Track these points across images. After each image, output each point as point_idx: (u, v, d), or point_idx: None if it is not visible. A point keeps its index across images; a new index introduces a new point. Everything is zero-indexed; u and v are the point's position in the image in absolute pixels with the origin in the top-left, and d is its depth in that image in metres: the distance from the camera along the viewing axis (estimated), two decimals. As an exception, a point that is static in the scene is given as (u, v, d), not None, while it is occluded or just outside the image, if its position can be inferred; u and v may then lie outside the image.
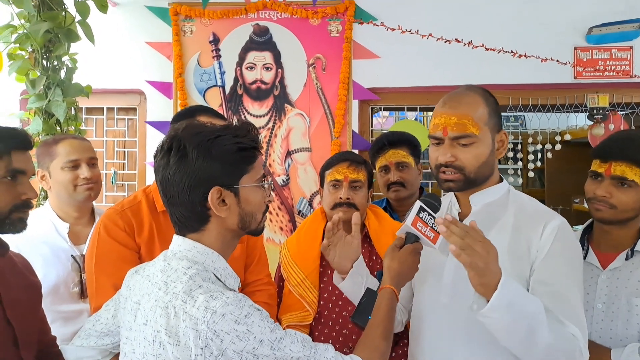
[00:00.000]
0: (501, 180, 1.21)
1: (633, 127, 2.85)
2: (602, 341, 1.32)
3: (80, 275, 1.66)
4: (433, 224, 1.09)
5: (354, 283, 1.26)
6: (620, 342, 1.29)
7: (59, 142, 1.71)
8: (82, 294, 1.66)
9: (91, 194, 1.70)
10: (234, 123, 1.01)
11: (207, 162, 0.94)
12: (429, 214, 1.09)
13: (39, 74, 2.10)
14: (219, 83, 2.91)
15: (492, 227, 1.15)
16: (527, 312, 0.97)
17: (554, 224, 1.11)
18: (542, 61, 2.66)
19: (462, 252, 0.94)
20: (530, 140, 2.93)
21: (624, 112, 2.85)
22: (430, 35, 2.70)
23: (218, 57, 2.90)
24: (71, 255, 1.67)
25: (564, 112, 2.86)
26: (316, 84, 2.85)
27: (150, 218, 1.40)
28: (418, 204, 1.09)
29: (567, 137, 2.92)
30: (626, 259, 1.35)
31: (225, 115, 2.89)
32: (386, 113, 3.19)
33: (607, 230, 1.38)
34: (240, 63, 2.89)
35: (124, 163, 3.07)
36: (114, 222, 1.37)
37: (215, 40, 2.90)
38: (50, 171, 1.69)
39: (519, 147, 2.93)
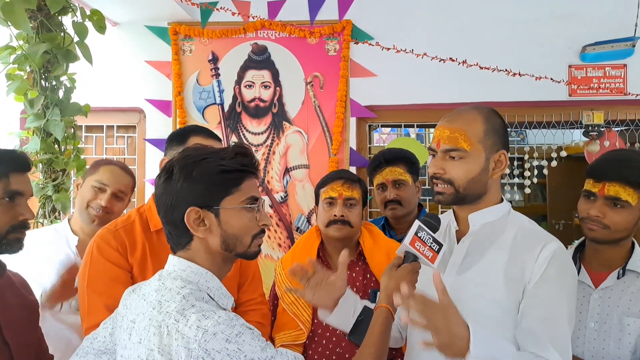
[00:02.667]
0: (502, 200, 1.21)
1: (628, 144, 2.86)
2: None
3: None
4: (431, 243, 1.09)
5: (342, 314, 1.24)
6: None
7: (106, 164, 1.77)
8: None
9: (97, 222, 1.70)
10: (232, 146, 1.03)
11: (187, 183, 0.97)
12: (428, 234, 1.09)
13: (37, 93, 2.13)
14: (218, 101, 2.94)
15: (489, 248, 1.15)
16: None
17: (550, 249, 1.10)
18: (536, 79, 2.69)
19: (438, 336, 0.93)
20: (526, 156, 2.95)
21: (618, 129, 2.87)
22: (425, 54, 2.73)
23: (217, 75, 2.94)
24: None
25: (559, 129, 2.88)
26: (314, 101, 2.89)
27: (143, 237, 1.40)
28: (417, 223, 1.10)
29: (563, 153, 2.93)
30: (618, 277, 1.34)
31: (224, 133, 2.92)
32: (387, 130, 3.21)
33: (598, 249, 1.38)
34: (238, 81, 2.93)
35: (122, 180, 3.08)
36: (107, 241, 1.37)
37: (214, 59, 2.95)
38: (85, 182, 1.74)
39: (516, 162, 2.94)
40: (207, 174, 0.98)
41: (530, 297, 1.08)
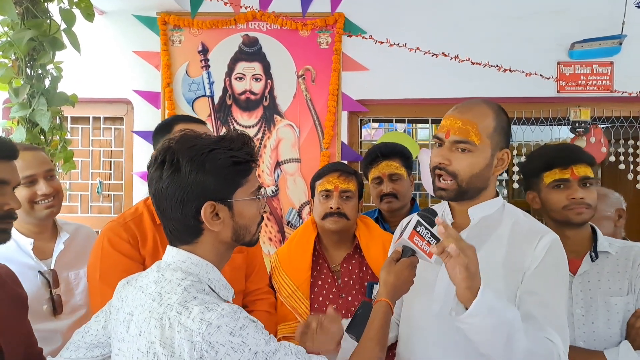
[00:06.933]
0: (497, 194, 1.23)
1: (613, 141, 2.92)
2: (586, 345, 1.35)
3: (50, 291, 1.57)
4: (430, 238, 1.09)
5: (346, 351, 1.21)
6: (604, 341, 1.33)
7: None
8: (54, 311, 1.57)
9: (53, 211, 1.61)
10: (230, 134, 1.00)
11: (200, 176, 0.93)
12: (426, 229, 1.09)
13: (22, 82, 2.06)
14: (208, 93, 2.90)
15: (486, 240, 1.17)
16: (504, 319, 0.99)
17: (548, 239, 1.14)
18: (526, 75, 2.73)
19: (461, 254, 0.96)
20: (515, 152, 2.99)
21: (604, 126, 2.93)
22: (417, 48, 2.74)
23: (207, 67, 2.90)
24: (39, 272, 1.58)
25: (547, 125, 2.91)
26: (306, 95, 2.87)
27: (153, 229, 1.39)
28: (415, 218, 1.09)
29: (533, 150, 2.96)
30: (592, 260, 1.40)
31: (214, 126, 2.88)
32: (376, 125, 3.22)
33: (568, 235, 1.41)
34: (229, 73, 2.89)
35: (110, 173, 3.03)
36: (118, 234, 1.36)
37: (204, 50, 2.90)
38: None
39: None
40: (220, 166, 0.94)
41: (528, 284, 1.11)
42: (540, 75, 2.74)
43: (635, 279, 1.35)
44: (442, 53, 2.73)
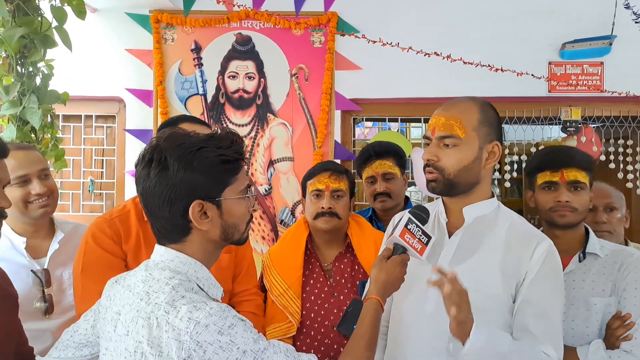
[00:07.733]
0: (493, 195, 1.24)
1: (604, 140, 2.95)
2: (564, 341, 1.37)
3: (43, 290, 1.56)
4: (421, 235, 1.10)
5: None
6: (582, 339, 1.36)
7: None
8: (47, 310, 1.56)
9: (47, 210, 1.60)
10: (218, 132, 0.99)
11: (188, 175, 0.92)
12: (417, 226, 1.10)
13: (13, 80, 2.05)
14: (201, 91, 2.90)
15: (481, 242, 1.18)
16: (498, 353, 1.02)
17: (544, 246, 1.15)
18: (517, 75, 2.74)
19: (453, 294, 1.00)
20: (507, 151, 3.01)
21: (594, 125, 2.95)
22: (410, 48, 2.75)
23: (200, 65, 2.89)
24: (31, 271, 1.56)
25: (538, 125, 2.93)
26: (299, 94, 2.87)
27: (137, 227, 1.41)
28: (407, 216, 1.10)
29: (541, 148, 2.99)
30: (579, 261, 1.42)
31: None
32: (369, 124, 3.23)
33: (558, 235, 1.43)
34: (222, 72, 2.89)
35: (102, 172, 3.01)
36: (102, 230, 1.38)
37: (197, 49, 2.89)
38: None
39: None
40: (208, 165, 0.94)
41: (527, 294, 1.12)
42: (532, 75, 2.75)
43: (620, 281, 1.36)
44: (435, 53, 2.75)
